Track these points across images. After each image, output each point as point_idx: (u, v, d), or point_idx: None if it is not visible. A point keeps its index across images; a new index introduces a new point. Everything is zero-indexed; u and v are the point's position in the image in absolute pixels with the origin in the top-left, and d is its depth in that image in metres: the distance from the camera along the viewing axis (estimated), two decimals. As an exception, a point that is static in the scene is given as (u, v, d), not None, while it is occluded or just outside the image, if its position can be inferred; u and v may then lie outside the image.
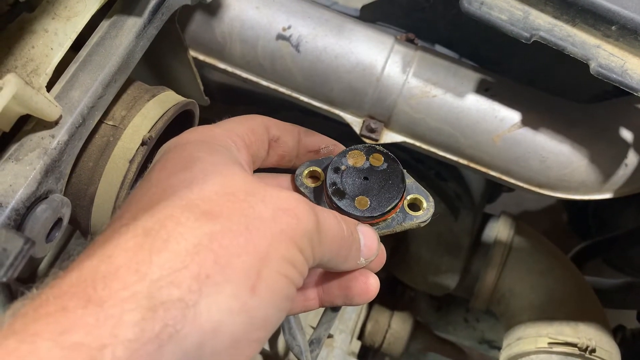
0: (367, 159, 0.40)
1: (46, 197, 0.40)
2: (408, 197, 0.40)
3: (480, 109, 0.60)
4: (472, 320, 1.24)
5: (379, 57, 0.61)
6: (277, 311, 0.29)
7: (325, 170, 0.40)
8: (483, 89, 0.61)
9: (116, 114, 0.47)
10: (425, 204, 0.40)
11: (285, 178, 0.42)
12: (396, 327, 0.99)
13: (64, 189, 0.42)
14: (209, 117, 0.84)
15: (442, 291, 0.92)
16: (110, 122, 0.47)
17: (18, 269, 0.30)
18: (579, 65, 0.52)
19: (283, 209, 0.30)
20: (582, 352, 0.74)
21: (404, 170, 0.40)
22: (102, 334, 0.23)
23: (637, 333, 1.00)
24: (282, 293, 0.29)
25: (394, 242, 0.92)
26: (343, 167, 0.40)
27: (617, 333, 0.96)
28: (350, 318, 0.80)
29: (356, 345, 0.93)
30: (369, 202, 0.38)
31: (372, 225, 0.38)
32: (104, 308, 0.24)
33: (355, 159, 0.40)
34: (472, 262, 0.89)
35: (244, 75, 0.64)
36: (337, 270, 0.36)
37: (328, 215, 0.33)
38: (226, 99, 0.84)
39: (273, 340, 0.72)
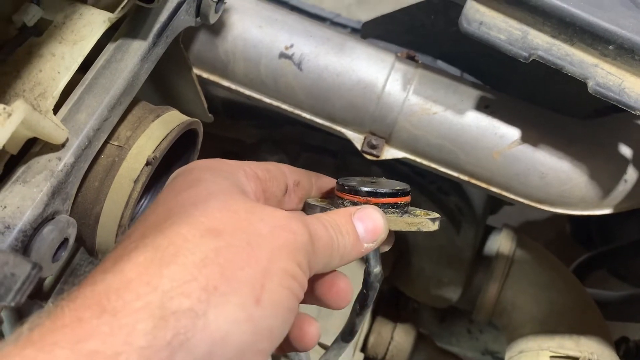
0: (372, 178, 0.43)
1: (53, 218, 0.41)
2: (415, 210, 0.42)
3: (480, 125, 0.61)
4: (476, 331, 1.24)
5: (379, 75, 0.62)
6: (281, 322, 0.30)
7: (332, 195, 0.42)
8: (483, 106, 0.62)
9: (121, 134, 0.48)
10: (432, 213, 0.42)
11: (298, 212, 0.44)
12: (399, 339, 0.99)
13: (69, 209, 0.43)
14: (214, 131, 0.85)
15: (445, 304, 0.93)
16: (116, 143, 0.48)
17: (26, 294, 0.31)
18: (578, 82, 0.53)
19: (280, 226, 0.32)
20: (584, 366, 0.74)
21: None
22: (116, 342, 0.25)
23: (641, 345, 1.00)
24: (285, 305, 0.31)
25: (397, 255, 0.93)
26: (351, 177, 0.43)
27: (621, 345, 0.96)
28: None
29: (359, 358, 0.94)
30: (378, 187, 0.40)
31: (382, 207, 0.39)
32: (117, 318, 0.25)
33: (362, 178, 0.43)
34: (474, 275, 0.89)
35: (247, 92, 0.65)
36: (338, 266, 0.38)
37: (317, 224, 0.35)
38: (230, 114, 0.85)
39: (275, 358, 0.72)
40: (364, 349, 0.99)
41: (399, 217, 0.40)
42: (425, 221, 0.40)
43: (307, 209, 0.43)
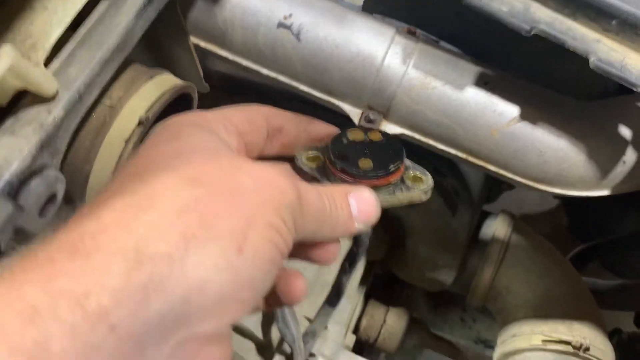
0: (366, 135, 0.42)
1: (40, 172, 0.40)
2: (407, 174, 0.42)
3: (479, 102, 0.60)
4: (469, 319, 1.24)
5: (379, 48, 0.61)
6: (263, 274, 0.30)
7: (324, 151, 0.41)
8: (483, 83, 0.61)
9: (113, 94, 0.47)
10: (424, 178, 0.42)
11: (285, 164, 0.43)
12: (391, 323, 0.99)
13: (59, 166, 0.42)
14: (210, 106, 0.84)
15: (439, 287, 0.92)
16: (108, 102, 0.47)
17: (7, 237, 0.30)
18: (580, 63, 0.52)
19: (266, 181, 0.31)
20: (576, 350, 0.74)
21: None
22: (88, 282, 0.24)
23: (634, 336, 1.00)
24: (267, 256, 0.30)
25: (392, 238, 0.92)
26: (344, 141, 0.41)
27: (614, 336, 0.96)
28: (344, 310, 0.80)
29: (351, 339, 0.93)
30: (371, 164, 0.39)
31: (375, 189, 0.39)
32: (90, 259, 0.25)
33: (355, 134, 0.42)
34: (469, 258, 0.89)
35: (245, 63, 0.64)
36: (327, 240, 0.37)
37: (310, 189, 0.34)
38: (227, 89, 0.84)
39: (266, 329, 0.72)
40: (356, 331, 0.98)
41: (392, 195, 0.40)
42: (417, 194, 0.41)
43: (296, 168, 0.42)
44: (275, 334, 0.73)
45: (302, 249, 0.38)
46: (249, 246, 0.28)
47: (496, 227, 0.87)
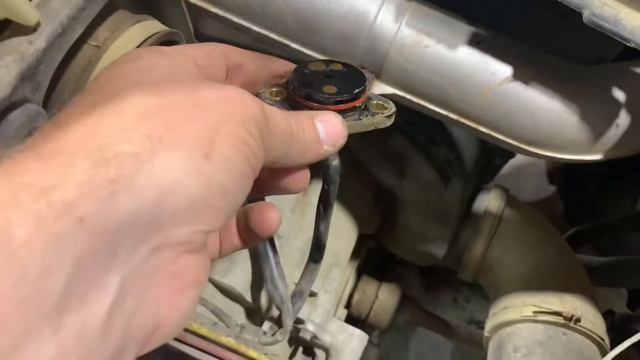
0: (327, 66, 0.42)
1: (22, 105, 0.39)
2: (371, 102, 0.42)
3: (471, 61, 0.60)
4: (462, 300, 1.23)
5: (372, 5, 0.60)
6: (234, 183, 0.29)
7: (287, 84, 0.41)
8: (476, 42, 0.60)
9: (100, 35, 0.46)
10: (387, 105, 0.42)
11: None
12: (383, 298, 0.98)
13: (42, 102, 0.42)
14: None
15: (430, 260, 0.92)
16: (94, 43, 0.46)
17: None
18: (577, 27, 0.51)
19: (229, 96, 0.30)
20: (567, 322, 0.74)
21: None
22: (53, 176, 0.23)
23: (626, 317, 1.00)
24: (237, 165, 0.29)
25: (384, 211, 0.92)
26: (306, 71, 0.41)
27: (607, 317, 0.95)
28: (335, 279, 0.79)
29: (342, 314, 0.93)
30: (336, 89, 0.39)
31: (341, 113, 0.39)
32: (54, 158, 0.24)
33: (316, 66, 0.42)
34: (461, 231, 0.88)
35: (235, 19, 0.63)
36: (297, 164, 0.37)
37: (275, 111, 0.33)
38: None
39: (255, 292, 0.71)
40: (348, 306, 0.98)
41: (357, 120, 0.40)
42: (381, 119, 0.41)
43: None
44: (264, 298, 0.72)
45: (272, 179, 0.38)
46: (217, 153, 0.28)
47: (489, 201, 0.87)
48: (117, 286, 0.25)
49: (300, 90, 0.39)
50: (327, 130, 0.37)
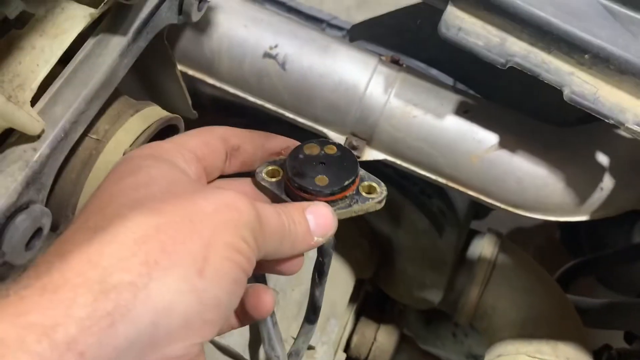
0: (322, 149, 0.44)
1: (27, 208, 0.41)
2: (362, 184, 0.44)
3: (459, 130, 0.62)
4: (461, 335, 1.25)
5: (362, 77, 0.63)
6: (227, 294, 0.31)
7: (283, 165, 0.43)
8: (462, 111, 0.62)
9: (100, 127, 0.49)
10: (378, 189, 0.44)
11: (246, 180, 0.45)
12: (382, 340, 1.00)
13: (45, 200, 0.44)
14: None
15: (427, 305, 0.94)
16: (94, 136, 0.48)
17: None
18: (557, 90, 0.53)
19: (224, 204, 0.33)
20: (560, 371, 0.75)
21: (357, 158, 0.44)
22: (56, 314, 0.26)
23: (623, 353, 1.01)
24: (229, 276, 0.31)
25: (380, 256, 0.93)
26: (301, 156, 0.43)
27: (603, 352, 0.96)
28: (332, 331, 0.81)
29: (341, 357, 0.94)
30: (327, 180, 0.41)
31: (332, 204, 0.41)
32: (57, 294, 0.27)
33: (311, 149, 0.44)
34: (456, 278, 0.90)
35: (232, 90, 0.66)
36: (288, 256, 0.39)
37: (268, 209, 0.36)
38: (218, 111, 0.85)
39: (253, 350, 0.73)
40: (347, 349, 0.99)
41: (348, 207, 0.42)
42: (372, 205, 0.43)
43: (257, 184, 0.44)
44: (262, 356, 0.74)
45: (267, 264, 0.40)
46: (210, 268, 0.30)
47: (483, 247, 0.89)
48: None
49: (294, 182, 0.42)
50: (317, 222, 0.39)
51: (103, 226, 0.30)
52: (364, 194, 0.43)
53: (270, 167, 0.44)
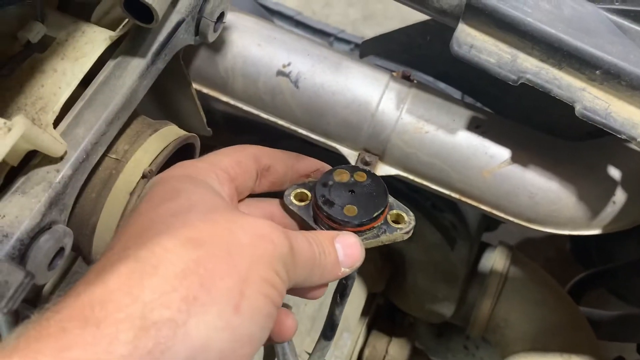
0: (352, 176, 0.44)
1: (49, 228, 0.42)
2: (391, 212, 0.43)
3: (471, 145, 0.62)
4: (472, 347, 1.25)
5: (374, 94, 0.63)
6: (260, 329, 0.32)
7: (312, 189, 0.43)
8: (474, 126, 0.63)
9: (119, 148, 0.50)
10: (406, 218, 0.44)
11: (274, 202, 0.45)
12: (393, 354, 1.00)
13: (67, 220, 0.45)
14: (215, 144, 0.86)
15: (439, 319, 0.94)
16: (114, 156, 0.49)
17: (18, 301, 0.32)
18: (569, 105, 0.54)
19: (260, 235, 0.34)
20: (574, 385, 0.75)
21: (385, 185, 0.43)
22: (98, 350, 0.26)
23: (636, 365, 1.00)
24: (263, 312, 0.32)
25: (392, 270, 0.94)
26: (330, 183, 0.43)
27: (617, 364, 0.96)
28: (345, 345, 0.81)
29: (353, 371, 0.94)
30: (356, 210, 0.41)
31: (359, 234, 0.41)
32: (100, 328, 0.27)
33: (341, 176, 0.44)
34: (468, 291, 0.90)
35: (246, 108, 0.67)
36: (317, 285, 0.39)
37: (300, 239, 0.37)
38: (231, 128, 0.86)
39: (268, 365, 0.73)
40: (358, 362, 0.99)
41: (376, 237, 0.42)
42: (399, 235, 0.43)
43: (285, 207, 0.44)
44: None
45: (292, 291, 0.40)
46: (246, 304, 0.31)
47: (494, 260, 0.89)
48: None
49: (323, 209, 0.42)
50: (345, 252, 0.39)
51: (143, 256, 0.31)
52: (391, 223, 0.43)
53: (299, 190, 0.44)
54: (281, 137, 0.83)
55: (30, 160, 0.43)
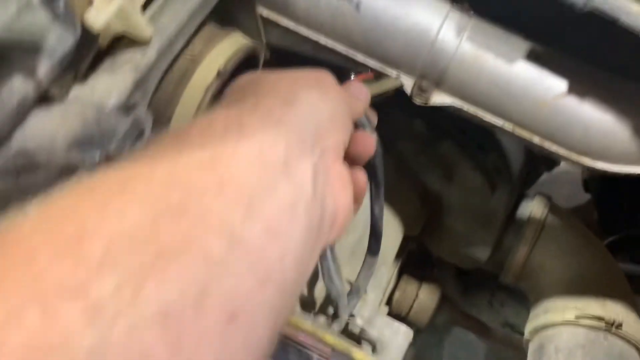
0: None
1: (133, 109, 0.44)
2: None
3: (529, 76, 0.63)
4: (497, 304, 1.26)
5: (434, 21, 0.64)
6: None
7: None
8: (533, 57, 0.63)
9: (195, 47, 0.51)
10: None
11: None
12: (424, 298, 1.01)
13: (147, 105, 0.46)
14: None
15: (473, 264, 0.95)
16: (189, 54, 0.51)
17: (125, 147, 0.34)
18: (633, 48, 0.54)
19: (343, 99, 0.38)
20: (609, 327, 0.76)
21: None
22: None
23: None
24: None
25: (429, 213, 0.95)
26: None
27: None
28: (382, 276, 0.83)
29: (384, 311, 0.97)
30: None
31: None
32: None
33: None
34: (504, 237, 0.91)
35: (305, 32, 0.67)
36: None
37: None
38: (279, 63, 0.87)
39: (311, 287, 0.75)
40: (389, 304, 1.01)
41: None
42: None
43: None
44: (318, 292, 0.77)
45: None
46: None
47: (533, 208, 0.90)
48: (312, 165, 0.30)
49: None
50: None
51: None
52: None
53: None
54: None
55: (116, 46, 0.45)
